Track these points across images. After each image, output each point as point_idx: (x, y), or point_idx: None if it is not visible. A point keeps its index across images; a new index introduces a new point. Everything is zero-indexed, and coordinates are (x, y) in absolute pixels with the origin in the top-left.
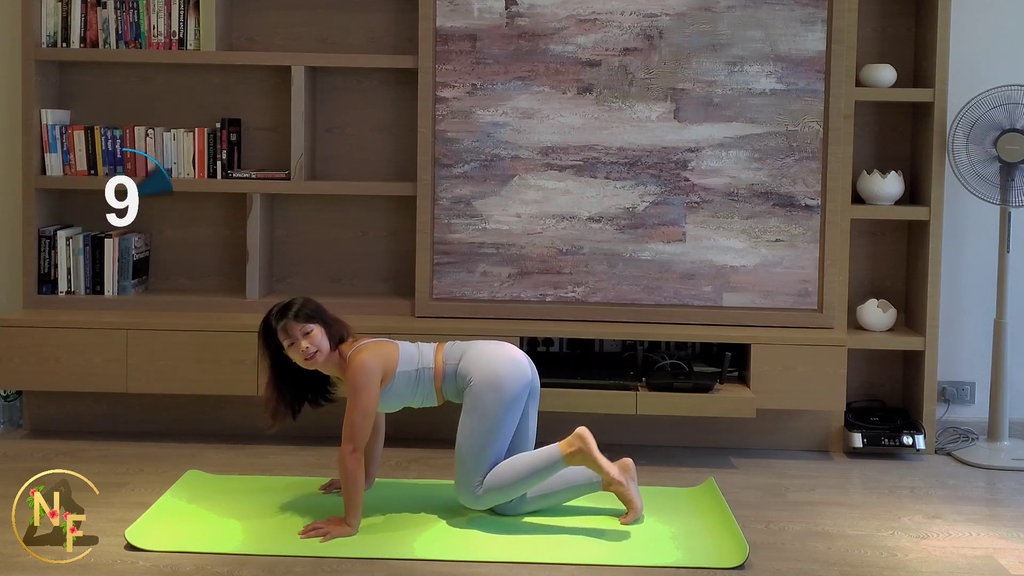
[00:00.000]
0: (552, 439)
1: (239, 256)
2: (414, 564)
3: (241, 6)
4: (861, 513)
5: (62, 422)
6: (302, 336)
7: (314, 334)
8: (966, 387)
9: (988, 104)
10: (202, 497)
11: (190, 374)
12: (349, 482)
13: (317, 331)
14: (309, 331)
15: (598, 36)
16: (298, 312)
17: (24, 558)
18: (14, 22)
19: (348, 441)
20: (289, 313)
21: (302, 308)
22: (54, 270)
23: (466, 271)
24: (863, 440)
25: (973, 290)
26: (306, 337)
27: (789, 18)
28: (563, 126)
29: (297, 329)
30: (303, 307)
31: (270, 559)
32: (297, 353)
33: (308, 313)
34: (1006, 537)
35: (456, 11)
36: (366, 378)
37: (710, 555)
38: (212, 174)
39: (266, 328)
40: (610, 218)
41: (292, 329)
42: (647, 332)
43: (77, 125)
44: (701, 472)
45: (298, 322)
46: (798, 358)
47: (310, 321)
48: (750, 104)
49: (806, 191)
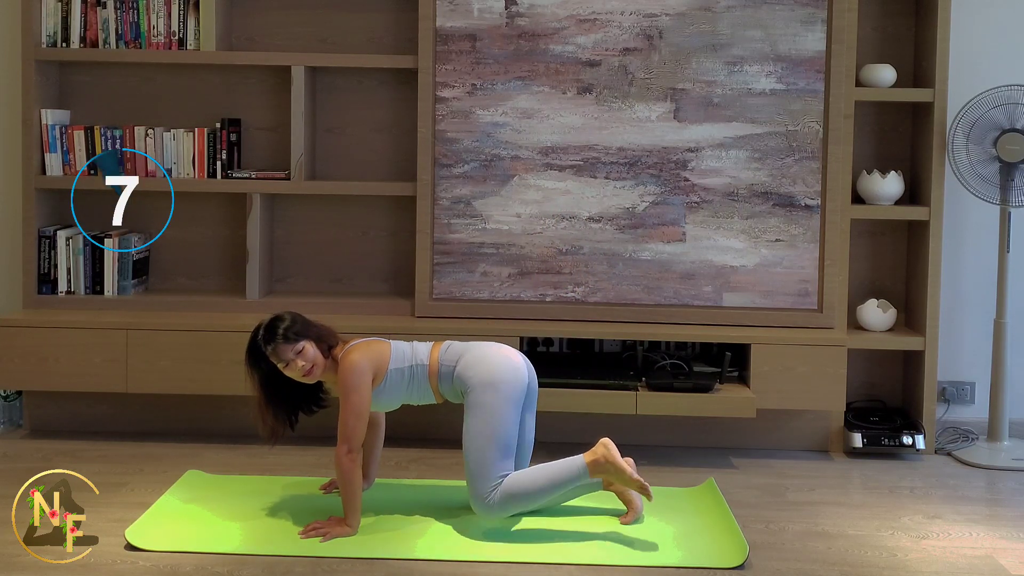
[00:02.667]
0: (552, 439)
1: (239, 256)
2: (414, 564)
3: (241, 6)
4: (861, 513)
5: (62, 422)
6: (295, 356)
7: (306, 351)
8: (966, 387)
9: (988, 104)
10: (202, 497)
11: (190, 374)
12: (346, 483)
13: (308, 347)
14: (300, 349)
15: (598, 36)
16: (286, 333)
17: (24, 558)
18: (14, 22)
19: (343, 442)
20: (278, 336)
21: (290, 328)
22: (54, 270)
23: (466, 271)
24: (863, 440)
25: (973, 290)
26: (299, 356)
27: (789, 18)
28: (563, 126)
29: (288, 350)
30: (290, 327)
31: (270, 559)
32: (295, 372)
33: (296, 331)
34: (1006, 537)
35: (456, 11)
36: (357, 378)
37: (710, 555)
38: (212, 174)
39: (254, 350)
40: (610, 218)
41: (283, 352)
42: (647, 332)
43: (77, 125)
44: (701, 472)
45: (288, 343)
46: (798, 358)
47: (299, 339)
48: (750, 104)
49: (806, 191)
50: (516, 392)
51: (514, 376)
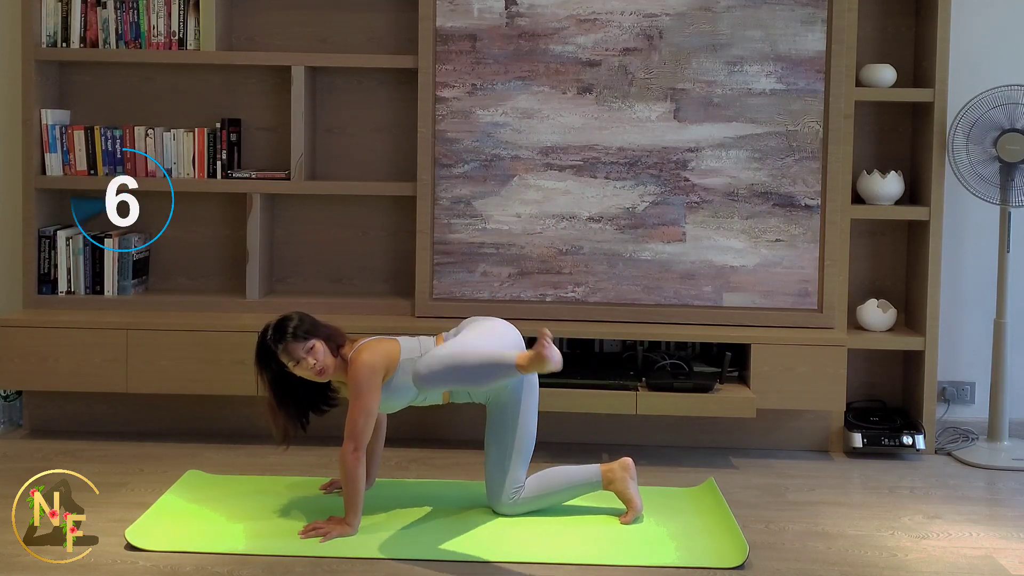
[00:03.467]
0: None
1: (239, 256)
2: (414, 564)
3: (241, 6)
4: (861, 513)
5: (62, 422)
6: (305, 354)
7: (316, 349)
8: (966, 387)
9: (988, 104)
10: (202, 497)
11: (190, 374)
12: (350, 482)
13: (319, 345)
14: (311, 347)
15: (598, 36)
16: (296, 331)
17: (24, 558)
18: (14, 22)
19: (350, 440)
20: (287, 335)
21: (299, 326)
22: (54, 270)
23: (466, 271)
24: (863, 440)
25: (973, 290)
26: (310, 353)
27: (789, 18)
28: (563, 126)
29: (299, 348)
30: (299, 325)
31: (270, 559)
32: (306, 371)
33: (306, 330)
34: (1006, 537)
35: (456, 11)
36: (369, 377)
37: (710, 555)
38: (212, 174)
39: (263, 351)
40: (610, 218)
41: (294, 350)
42: (647, 332)
43: (77, 125)
44: (701, 472)
45: (298, 341)
46: (798, 358)
47: (309, 337)
48: (750, 104)
49: (806, 191)
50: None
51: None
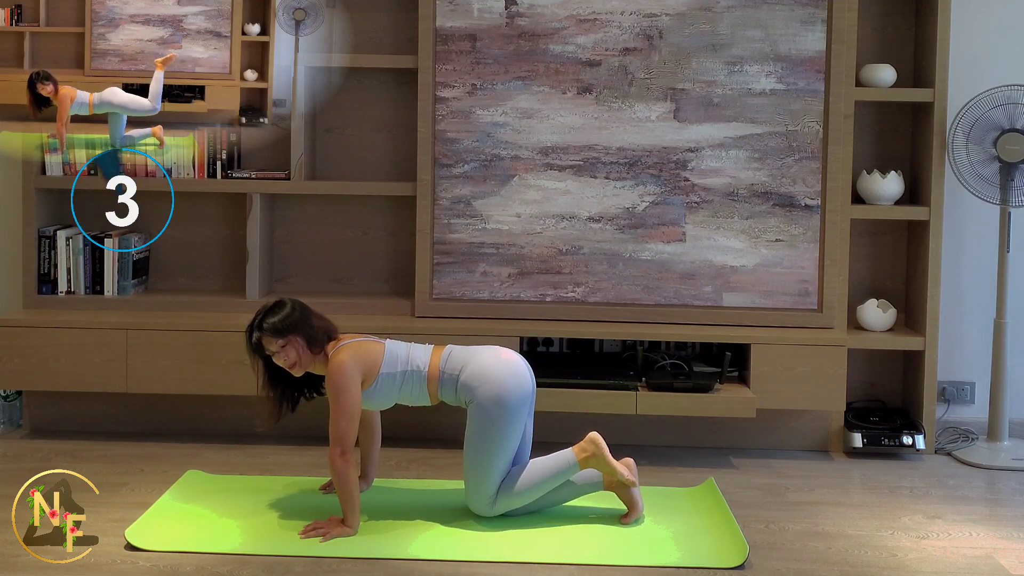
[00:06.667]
0: (552, 438)
1: (239, 256)
2: (414, 564)
3: None
4: (861, 513)
5: (62, 422)
6: (278, 349)
7: (287, 349)
8: (966, 387)
9: (988, 104)
10: (202, 497)
11: (190, 374)
12: (342, 484)
13: (290, 346)
14: (283, 345)
15: (598, 36)
16: (273, 326)
17: (24, 558)
18: None
19: (336, 444)
20: (265, 327)
21: (278, 322)
22: (54, 270)
23: (466, 271)
24: (863, 440)
25: (973, 290)
26: (283, 350)
27: (789, 18)
28: (563, 126)
29: (272, 343)
30: (283, 320)
31: (270, 559)
32: (281, 363)
33: (280, 328)
34: (1006, 537)
35: (456, 11)
36: (344, 381)
37: (710, 555)
38: (212, 174)
39: (251, 335)
40: (610, 218)
41: (268, 343)
42: (647, 332)
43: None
44: (701, 472)
45: (273, 336)
46: (798, 358)
47: (281, 336)
48: (750, 104)
49: (806, 191)
50: (523, 403)
51: (520, 389)
